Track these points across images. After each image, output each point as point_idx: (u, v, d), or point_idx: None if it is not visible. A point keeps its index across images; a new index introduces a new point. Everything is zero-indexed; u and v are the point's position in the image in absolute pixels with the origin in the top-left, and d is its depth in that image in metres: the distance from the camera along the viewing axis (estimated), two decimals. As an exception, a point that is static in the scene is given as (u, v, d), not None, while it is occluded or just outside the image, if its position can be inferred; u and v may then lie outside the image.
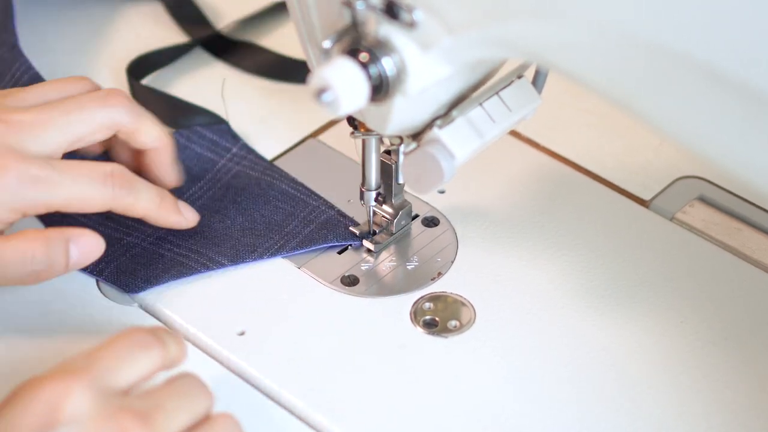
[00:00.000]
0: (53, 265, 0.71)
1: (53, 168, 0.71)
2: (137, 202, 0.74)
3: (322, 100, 0.64)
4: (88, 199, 0.73)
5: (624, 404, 0.71)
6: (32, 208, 0.71)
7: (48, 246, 0.71)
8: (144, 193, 0.75)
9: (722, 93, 0.56)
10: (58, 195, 0.71)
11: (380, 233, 0.80)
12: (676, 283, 0.77)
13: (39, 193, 0.71)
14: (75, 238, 0.71)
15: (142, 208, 0.75)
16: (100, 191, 0.73)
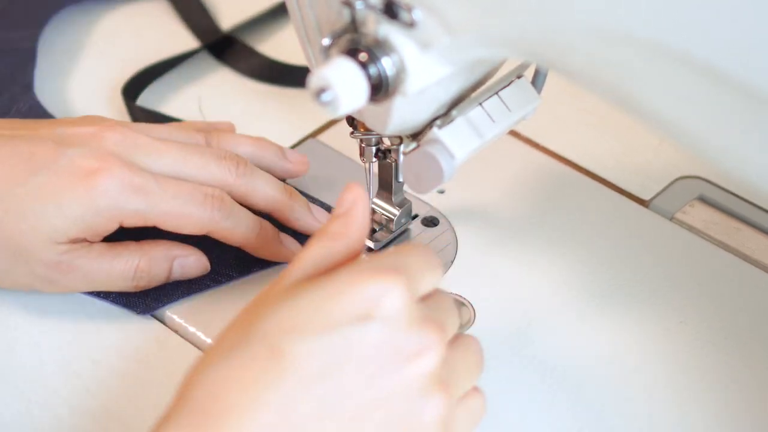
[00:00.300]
0: (154, 280, 0.74)
1: (155, 181, 0.71)
2: (235, 228, 0.73)
3: (321, 100, 0.64)
4: (185, 216, 0.72)
5: (623, 404, 0.71)
6: (130, 217, 0.71)
7: (152, 264, 0.73)
8: (243, 221, 0.74)
9: (722, 93, 0.56)
10: (156, 208, 0.71)
11: (380, 231, 0.80)
12: (676, 283, 0.77)
13: (138, 203, 0.70)
14: (181, 258, 0.74)
15: (240, 235, 0.74)
16: (198, 211, 0.72)
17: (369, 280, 0.59)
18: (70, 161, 0.70)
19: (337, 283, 0.59)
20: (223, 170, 0.74)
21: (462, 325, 0.75)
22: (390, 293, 0.59)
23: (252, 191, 0.75)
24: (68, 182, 0.70)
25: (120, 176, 0.70)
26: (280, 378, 0.57)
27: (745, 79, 0.55)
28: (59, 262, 0.71)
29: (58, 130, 0.72)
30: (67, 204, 0.70)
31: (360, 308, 0.58)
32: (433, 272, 0.63)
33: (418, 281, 0.61)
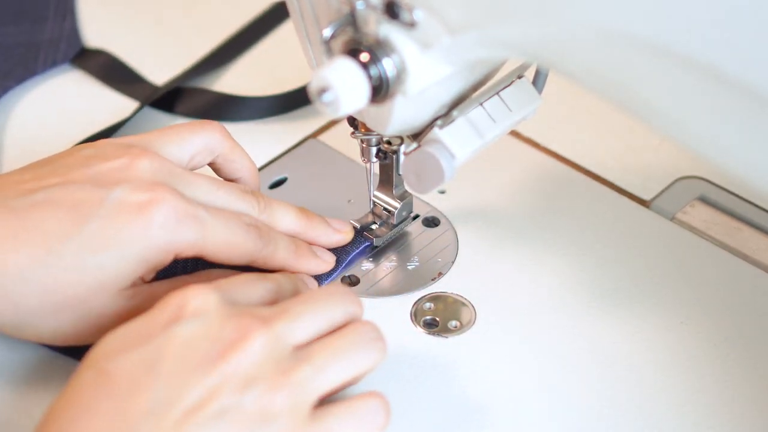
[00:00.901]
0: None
1: (206, 210, 0.70)
2: (276, 252, 0.73)
3: (322, 101, 0.64)
4: (235, 246, 0.70)
5: (624, 404, 0.71)
6: (185, 249, 0.69)
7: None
8: (281, 243, 0.73)
9: (722, 93, 0.56)
10: (211, 238, 0.69)
11: (381, 226, 0.80)
12: (677, 283, 0.77)
13: (194, 233, 0.69)
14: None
15: (281, 258, 0.73)
16: (245, 239, 0.71)
17: (175, 293, 0.63)
18: (117, 201, 0.67)
19: (151, 308, 0.63)
20: (248, 204, 0.73)
21: (462, 325, 0.75)
22: (195, 297, 0.62)
23: (274, 222, 0.75)
24: (122, 223, 0.67)
25: (174, 206, 0.68)
26: (107, 394, 0.59)
27: (746, 80, 0.55)
28: (129, 309, 0.68)
29: (89, 169, 0.69)
30: (127, 246, 0.67)
31: (168, 316, 0.61)
32: (248, 287, 0.65)
33: (233, 289, 0.64)
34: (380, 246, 0.79)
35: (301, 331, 0.63)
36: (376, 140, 0.76)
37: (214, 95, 0.91)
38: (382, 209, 0.80)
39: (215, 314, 0.61)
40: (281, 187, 0.84)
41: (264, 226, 0.73)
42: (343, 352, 0.63)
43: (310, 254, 0.76)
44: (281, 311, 0.63)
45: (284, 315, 0.63)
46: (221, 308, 0.62)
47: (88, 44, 0.96)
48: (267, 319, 0.62)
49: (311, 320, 0.64)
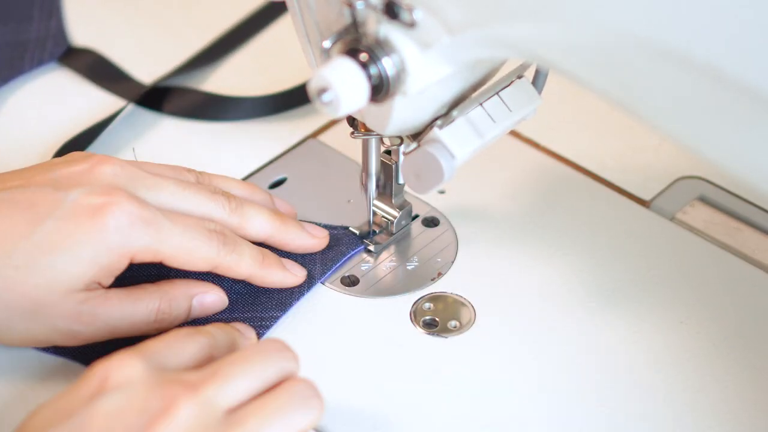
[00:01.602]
0: (175, 321, 0.72)
1: (163, 215, 0.70)
2: (240, 261, 0.72)
3: (322, 100, 0.64)
4: (194, 252, 0.70)
5: (623, 403, 0.71)
6: (140, 253, 0.69)
7: (173, 305, 0.71)
8: (246, 252, 0.73)
9: (722, 93, 0.56)
10: (166, 243, 0.70)
11: (380, 234, 0.80)
12: (677, 284, 0.77)
13: (149, 237, 0.69)
14: (200, 296, 0.73)
15: (245, 267, 0.73)
16: (205, 246, 0.71)
17: (96, 365, 0.61)
18: (73, 203, 0.68)
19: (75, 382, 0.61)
20: (217, 206, 0.73)
21: (462, 325, 0.75)
22: (119, 367, 0.60)
23: (245, 224, 0.74)
24: (76, 225, 0.68)
25: (129, 210, 0.68)
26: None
27: (745, 79, 0.55)
28: (80, 312, 0.68)
29: (51, 174, 0.70)
30: (80, 247, 0.67)
31: (92, 389, 0.60)
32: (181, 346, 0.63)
33: (160, 352, 0.62)
34: (378, 252, 0.79)
35: (232, 393, 0.61)
36: (376, 145, 0.76)
37: (205, 95, 0.91)
38: (382, 218, 0.79)
39: (139, 384, 0.60)
40: (281, 187, 0.84)
41: (230, 234, 0.73)
42: (277, 414, 0.61)
43: (277, 266, 0.75)
44: (211, 374, 0.61)
45: (213, 378, 0.61)
46: (146, 377, 0.60)
47: (75, 43, 0.95)
48: (195, 385, 0.60)
49: (243, 381, 0.62)
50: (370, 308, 0.76)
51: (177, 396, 0.59)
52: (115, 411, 0.59)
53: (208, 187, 0.74)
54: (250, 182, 0.80)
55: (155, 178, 0.72)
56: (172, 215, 0.70)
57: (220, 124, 0.89)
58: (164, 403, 0.59)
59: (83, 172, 0.70)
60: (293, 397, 0.62)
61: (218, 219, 0.73)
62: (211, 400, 0.60)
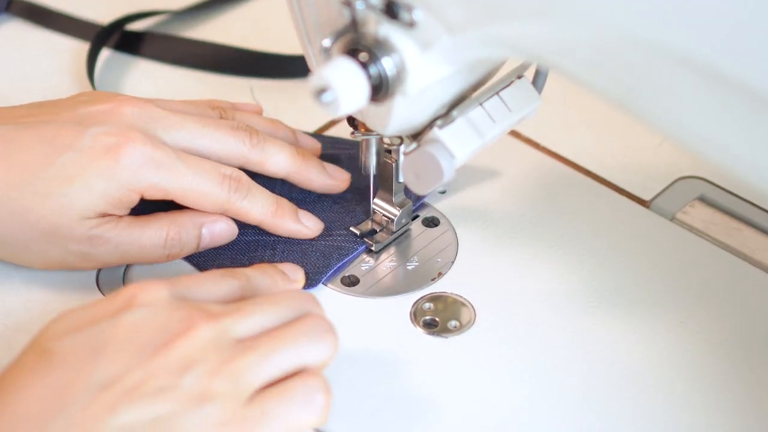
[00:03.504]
0: (185, 248, 0.75)
1: (177, 156, 0.73)
2: (252, 207, 0.75)
3: (322, 100, 0.64)
4: (204, 194, 0.74)
5: (624, 404, 0.71)
6: (150, 190, 0.73)
7: (182, 232, 0.75)
8: (259, 199, 0.76)
9: (722, 93, 0.56)
10: (176, 182, 0.73)
11: (380, 232, 0.80)
12: (676, 283, 0.77)
13: (159, 176, 0.73)
14: (209, 224, 0.75)
15: (257, 213, 0.76)
16: (216, 190, 0.74)
17: (128, 286, 0.64)
18: (92, 139, 0.72)
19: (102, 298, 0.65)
20: (238, 141, 0.76)
21: (462, 325, 0.75)
22: (146, 289, 0.63)
23: (266, 160, 0.77)
24: (92, 159, 0.72)
25: (142, 150, 0.72)
26: (48, 372, 0.61)
27: (745, 79, 0.55)
28: (91, 236, 0.73)
29: (78, 111, 0.74)
30: (94, 180, 0.72)
31: (118, 304, 0.63)
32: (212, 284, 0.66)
33: (190, 287, 0.65)
34: (379, 251, 0.79)
35: (250, 326, 0.63)
36: (377, 145, 0.76)
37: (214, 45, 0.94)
38: (382, 216, 0.79)
39: (164, 306, 0.63)
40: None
41: (245, 180, 0.75)
42: (288, 341, 0.63)
43: (291, 217, 0.77)
44: (234, 309, 0.64)
45: (235, 312, 0.64)
46: (171, 302, 0.63)
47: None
48: (215, 315, 0.63)
49: (262, 318, 0.64)
50: (370, 308, 0.76)
51: (196, 320, 0.62)
52: (137, 324, 0.62)
53: (229, 123, 0.77)
54: (275, 119, 0.82)
55: (175, 116, 0.75)
56: (186, 157, 0.74)
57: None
58: (184, 325, 0.62)
59: (106, 111, 0.74)
60: (306, 329, 0.64)
61: (237, 155, 0.76)
62: (229, 329, 0.63)
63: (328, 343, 0.65)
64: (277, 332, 0.64)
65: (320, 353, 0.64)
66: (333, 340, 0.65)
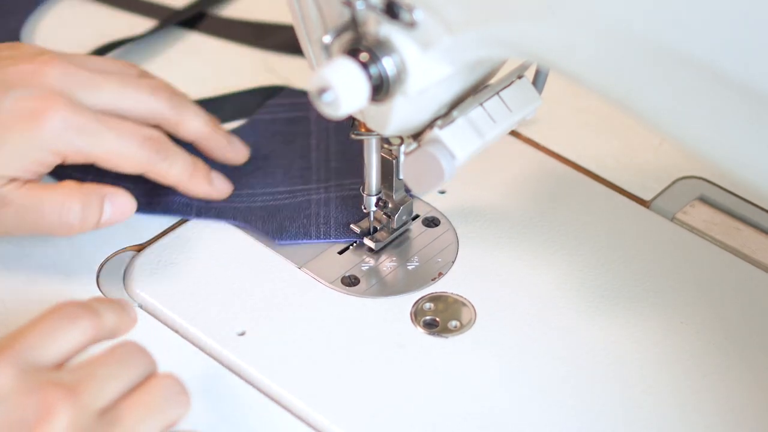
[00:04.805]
0: (86, 219, 0.73)
1: (98, 120, 0.73)
2: (170, 168, 0.76)
3: (322, 100, 0.64)
4: (125, 157, 0.74)
5: (624, 404, 0.71)
6: (72, 154, 0.73)
7: (84, 199, 0.73)
8: (179, 161, 0.77)
9: (723, 93, 0.56)
10: (99, 146, 0.73)
11: (380, 231, 0.80)
12: (676, 283, 0.77)
13: (81, 141, 0.73)
14: (110, 196, 0.74)
15: (174, 175, 0.77)
16: (137, 152, 0.75)
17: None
18: (13, 102, 0.72)
19: None
20: (158, 100, 0.77)
21: (463, 325, 0.75)
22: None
23: (183, 122, 0.79)
24: (12, 122, 0.71)
25: (64, 116, 0.72)
26: None
27: (745, 79, 0.55)
28: (4, 199, 0.71)
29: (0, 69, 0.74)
30: (11, 141, 0.71)
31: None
32: (58, 337, 0.61)
33: (37, 349, 0.60)
34: (379, 250, 0.79)
35: (106, 394, 0.61)
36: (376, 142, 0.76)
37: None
38: (383, 214, 0.80)
39: (13, 393, 0.58)
40: (281, 187, 0.84)
41: (165, 141, 0.76)
42: (151, 409, 0.62)
43: (204, 179, 0.79)
44: (85, 377, 0.60)
45: (88, 382, 0.60)
46: (19, 383, 0.58)
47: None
48: (71, 389, 0.59)
49: (116, 382, 0.61)
50: (371, 308, 0.76)
51: (54, 402, 0.58)
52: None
53: (149, 82, 0.78)
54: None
55: (97, 77, 0.76)
56: (107, 120, 0.74)
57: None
58: (41, 411, 0.58)
59: (29, 72, 0.74)
60: (165, 392, 0.63)
61: (157, 114, 0.77)
62: (87, 403, 0.59)
63: (184, 405, 0.63)
64: (138, 401, 0.61)
65: (177, 415, 0.63)
66: (187, 400, 0.64)
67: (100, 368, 0.61)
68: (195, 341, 0.74)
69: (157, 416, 0.62)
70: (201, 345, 0.74)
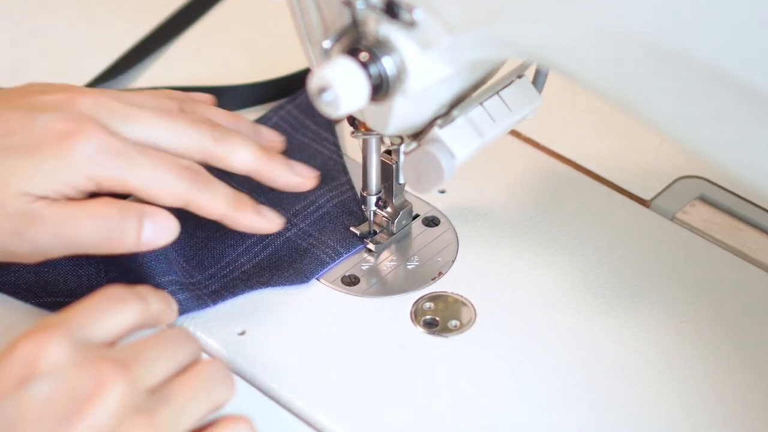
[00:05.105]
0: (125, 234, 0.70)
1: (134, 147, 0.70)
2: (213, 200, 0.72)
3: (322, 100, 0.64)
4: (164, 187, 0.70)
5: (624, 404, 0.71)
6: (108, 181, 0.69)
7: (123, 212, 0.70)
8: (220, 193, 0.72)
9: (723, 93, 0.56)
10: (134, 174, 0.69)
11: (380, 233, 0.80)
12: (677, 283, 0.77)
13: (115, 166, 0.69)
14: (150, 214, 0.70)
15: (218, 207, 0.72)
16: (175, 182, 0.70)
17: (21, 344, 0.59)
18: (45, 125, 0.69)
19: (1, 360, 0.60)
20: (199, 135, 0.73)
21: (463, 325, 0.75)
22: (44, 348, 0.59)
23: (230, 155, 0.74)
24: (43, 142, 0.68)
25: (98, 138, 0.69)
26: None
27: (746, 79, 0.55)
28: (25, 212, 0.68)
29: (30, 99, 0.71)
30: (42, 159, 0.68)
31: (20, 372, 0.59)
32: (108, 316, 0.62)
33: (88, 326, 0.61)
34: (379, 252, 0.79)
35: (156, 373, 0.62)
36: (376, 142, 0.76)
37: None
38: (382, 217, 0.79)
39: (68, 367, 0.59)
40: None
41: (204, 172, 0.72)
42: (200, 390, 0.63)
43: (252, 210, 0.74)
44: (136, 354, 0.61)
45: (140, 359, 0.61)
46: (73, 357, 0.59)
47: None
48: (123, 365, 0.60)
49: (165, 363, 0.62)
50: (371, 308, 0.76)
51: (107, 375, 0.59)
52: (45, 399, 0.58)
53: (190, 116, 0.74)
54: (235, 113, 0.79)
55: (133, 109, 0.72)
56: (144, 148, 0.71)
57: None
58: (94, 385, 0.59)
59: (60, 101, 0.71)
60: (212, 376, 0.64)
61: (198, 149, 0.73)
62: (138, 380, 0.60)
63: (230, 387, 0.65)
64: (187, 382, 0.62)
65: (225, 397, 0.64)
66: (233, 384, 0.65)
67: (150, 349, 0.62)
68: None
69: (204, 397, 0.63)
70: (201, 345, 0.74)
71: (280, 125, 0.86)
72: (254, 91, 0.90)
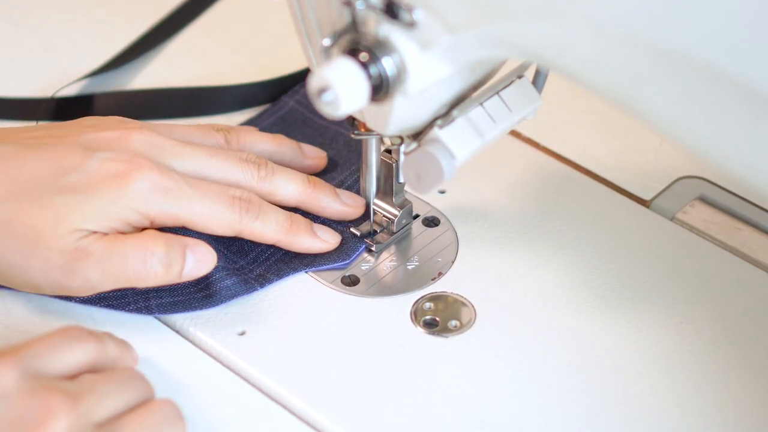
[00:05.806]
0: (171, 266, 0.71)
1: (185, 181, 0.72)
2: (266, 226, 0.75)
3: (322, 100, 0.64)
4: (215, 218, 0.73)
5: (624, 404, 0.71)
6: (160, 216, 0.72)
7: (168, 245, 0.71)
8: (271, 218, 0.75)
9: (723, 93, 0.56)
10: (186, 208, 0.72)
11: (381, 233, 0.80)
12: (676, 283, 0.77)
13: (167, 202, 0.71)
14: (192, 247, 0.72)
15: (271, 233, 0.75)
16: (226, 212, 0.73)
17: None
18: (99, 164, 0.71)
19: None
20: (246, 174, 0.76)
21: (463, 325, 0.75)
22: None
23: (275, 190, 0.77)
24: (98, 181, 0.70)
25: (150, 177, 0.71)
26: None
27: (746, 79, 0.55)
28: (76, 248, 0.69)
29: (84, 136, 0.73)
30: (97, 197, 0.70)
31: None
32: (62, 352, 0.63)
33: (40, 359, 0.62)
34: (379, 252, 0.79)
35: (104, 410, 0.62)
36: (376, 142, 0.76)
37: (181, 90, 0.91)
38: (382, 217, 0.80)
39: (16, 393, 0.60)
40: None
41: (255, 199, 0.75)
42: (148, 427, 0.63)
43: (306, 232, 0.76)
44: (87, 389, 0.62)
45: (91, 392, 0.62)
46: (22, 385, 0.60)
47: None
48: (72, 397, 0.60)
49: (114, 401, 0.63)
50: (371, 308, 0.76)
51: (54, 406, 0.60)
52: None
53: (237, 154, 0.76)
54: (279, 135, 0.82)
55: (183, 146, 0.75)
56: (194, 182, 0.73)
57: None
58: (41, 413, 0.59)
59: (114, 138, 0.73)
60: (162, 415, 0.64)
61: (247, 187, 0.75)
62: (87, 413, 0.61)
63: (182, 428, 0.65)
64: (138, 419, 0.63)
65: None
66: (184, 426, 0.65)
67: (101, 384, 0.63)
68: (195, 341, 0.74)
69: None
70: (201, 344, 0.74)
71: (296, 109, 0.87)
72: (254, 91, 0.90)
